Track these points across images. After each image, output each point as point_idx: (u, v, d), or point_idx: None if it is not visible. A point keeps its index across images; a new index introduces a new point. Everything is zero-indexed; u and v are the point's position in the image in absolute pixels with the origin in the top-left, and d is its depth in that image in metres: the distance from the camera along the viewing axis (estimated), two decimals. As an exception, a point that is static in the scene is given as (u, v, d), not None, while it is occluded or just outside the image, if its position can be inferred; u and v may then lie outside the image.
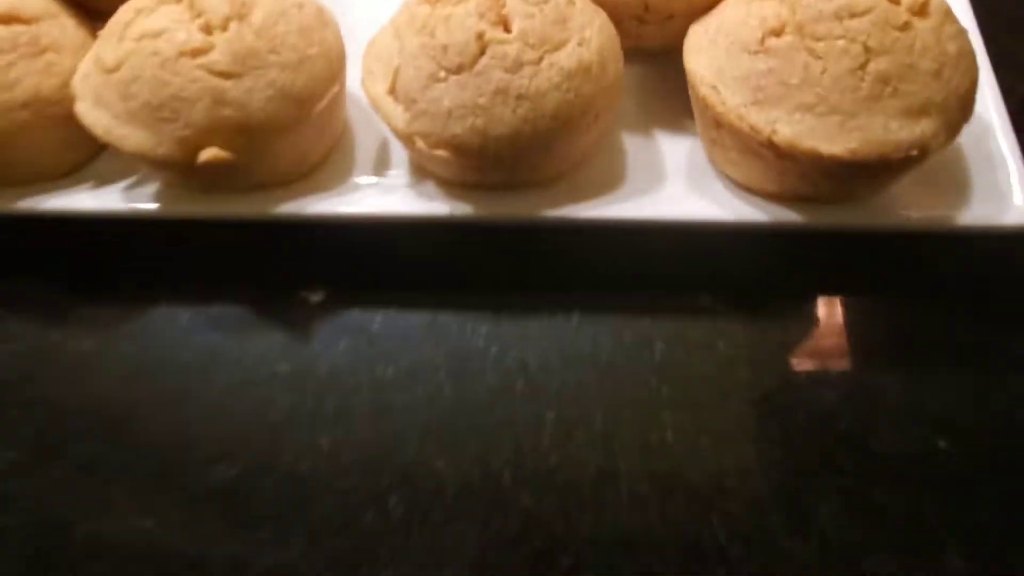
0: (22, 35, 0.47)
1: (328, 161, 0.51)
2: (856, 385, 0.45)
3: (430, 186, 0.49)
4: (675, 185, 0.49)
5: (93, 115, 0.45)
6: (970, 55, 0.42)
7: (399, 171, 0.50)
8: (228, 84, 0.43)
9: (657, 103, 0.53)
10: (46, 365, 0.47)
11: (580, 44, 0.44)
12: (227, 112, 0.44)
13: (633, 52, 0.50)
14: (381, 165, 0.51)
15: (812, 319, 0.48)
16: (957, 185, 0.46)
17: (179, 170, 0.46)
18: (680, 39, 0.49)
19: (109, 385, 0.47)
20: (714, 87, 0.44)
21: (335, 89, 0.48)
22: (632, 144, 0.52)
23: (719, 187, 0.48)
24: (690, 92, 0.47)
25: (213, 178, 0.47)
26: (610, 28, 0.47)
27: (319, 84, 0.47)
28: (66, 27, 0.49)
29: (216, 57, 0.43)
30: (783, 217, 0.46)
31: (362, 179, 0.50)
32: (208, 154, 0.44)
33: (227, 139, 0.44)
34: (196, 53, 0.43)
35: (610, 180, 0.50)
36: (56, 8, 0.50)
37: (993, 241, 0.48)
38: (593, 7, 0.48)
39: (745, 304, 0.48)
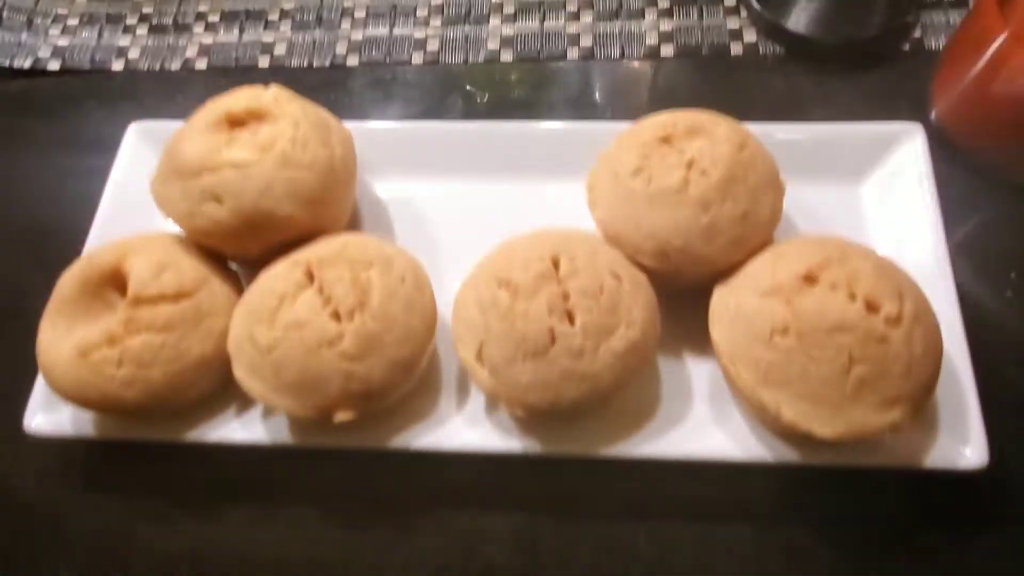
0: (188, 309, 0.60)
1: (419, 389, 0.64)
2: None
3: (503, 416, 0.62)
4: (702, 417, 0.61)
5: (250, 382, 0.58)
6: (935, 348, 0.54)
7: (476, 399, 0.63)
8: (355, 366, 0.56)
9: (684, 327, 0.64)
10: (210, 555, 0.62)
11: (628, 327, 0.56)
12: (355, 386, 0.56)
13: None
14: (462, 390, 0.64)
15: (813, 531, 0.61)
16: (928, 429, 0.58)
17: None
18: (706, 284, 0.61)
19: (264, 566, 0.61)
20: (732, 361, 0.56)
21: (431, 346, 0.61)
22: (664, 365, 0.64)
23: (737, 418, 0.61)
24: (715, 353, 0.60)
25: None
26: (651, 298, 0.59)
27: (421, 347, 0.59)
28: (215, 290, 0.62)
29: (346, 346, 0.56)
30: (787, 457, 0.58)
31: (447, 407, 0.63)
32: (341, 417, 0.57)
33: (354, 403, 0.57)
34: (332, 344, 0.56)
35: (646, 406, 0.62)
36: (206, 270, 0.62)
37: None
38: (636, 278, 0.59)
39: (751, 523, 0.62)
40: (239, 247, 0.63)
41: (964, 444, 0.57)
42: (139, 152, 0.75)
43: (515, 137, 0.74)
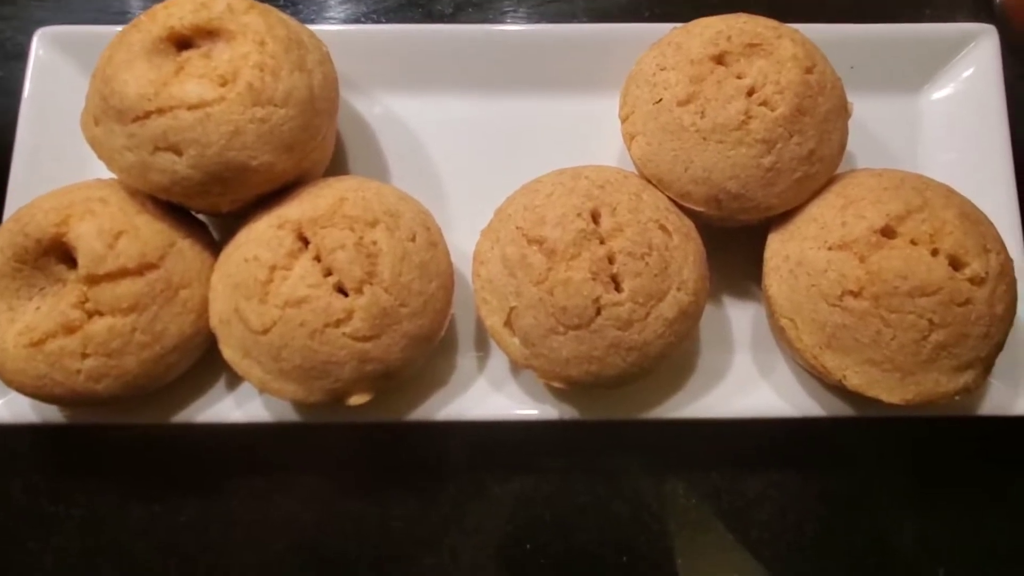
0: (157, 282, 0.50)
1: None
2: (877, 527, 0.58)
3: (530, 377, 0.56)
4: (745, 369, 0.57)
5: (244, 365, 0.50)
6: (1013, 304, 0.49)
7: (497, 356, 0.57)
8: (369, 346, 0.48)
9: (724, 268, 0.58)
10: (219, 532, 0.58)
11: (679, 289, 0.50)
12: (370, 367, 0.49)
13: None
14: (481, 347, 0.58)
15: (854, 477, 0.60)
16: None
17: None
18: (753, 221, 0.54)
19: (276, 541, 0.58)
20: (792, 320, 0.51)
21: (451, 311, 0.53)
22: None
23: (782, 367, 0.57)
24: (766, 306, 0.54)
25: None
26: (700, 251, 0.52)
27: (441, 315, 0.52)
28: (185, 254, 0.52)
29: (357, 324, 0.48)
30: (838, 410, 0.55)
31: (468, 368, 0.57)
32: (356, 401, 0.50)
33: (370, 384, 0.50)
34: (340, 323, 0.48)
35: (686, 358, 0.57)
36: (169, 230, 0.52)
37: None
38: (683, 228, 0.52)
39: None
40: (206, 203, 0.52)
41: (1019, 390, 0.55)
42: (54, 65, 0.60)
43: (526, 43, 0.61)
